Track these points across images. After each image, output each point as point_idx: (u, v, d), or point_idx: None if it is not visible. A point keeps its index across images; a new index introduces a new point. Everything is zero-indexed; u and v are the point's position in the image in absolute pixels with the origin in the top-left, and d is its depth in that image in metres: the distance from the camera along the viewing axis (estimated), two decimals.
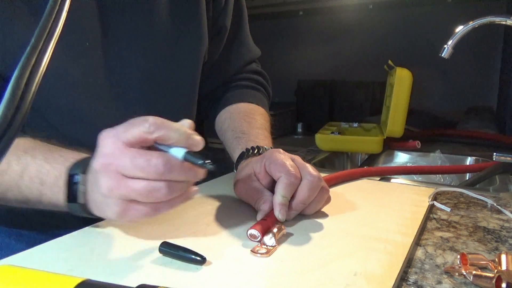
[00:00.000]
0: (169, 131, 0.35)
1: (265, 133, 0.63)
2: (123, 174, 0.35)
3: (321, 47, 1.94)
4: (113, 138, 0.36)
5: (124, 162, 0.34)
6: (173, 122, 0.37)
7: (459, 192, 0.62)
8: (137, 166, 0.34)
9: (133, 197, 0.36)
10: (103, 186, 0.36)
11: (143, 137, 0.35)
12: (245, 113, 0.67)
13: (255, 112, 0.69)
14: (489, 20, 0.74)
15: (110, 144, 0.36)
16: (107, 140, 0.36)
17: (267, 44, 2.00)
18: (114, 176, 0.35)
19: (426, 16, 1.67)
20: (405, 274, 0.36)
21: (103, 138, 0.37)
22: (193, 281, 0.33)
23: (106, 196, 0.36)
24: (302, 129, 1.81)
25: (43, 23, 0.21)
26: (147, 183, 0.35)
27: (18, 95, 0.19)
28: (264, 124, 0.67)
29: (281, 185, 0.44)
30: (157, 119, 0.36)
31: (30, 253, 0.39)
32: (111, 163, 0.35)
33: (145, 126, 0.35)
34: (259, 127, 0.64)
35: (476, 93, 1.62)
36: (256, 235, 0.41)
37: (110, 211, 0.37)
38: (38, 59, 0.20)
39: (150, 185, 0.35)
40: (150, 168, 0.34)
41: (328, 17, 1.89)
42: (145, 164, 0.34)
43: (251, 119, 0.66)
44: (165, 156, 0.35)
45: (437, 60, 0.92)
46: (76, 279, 0.27)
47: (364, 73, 1.78)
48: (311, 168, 0.47)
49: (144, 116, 0.36)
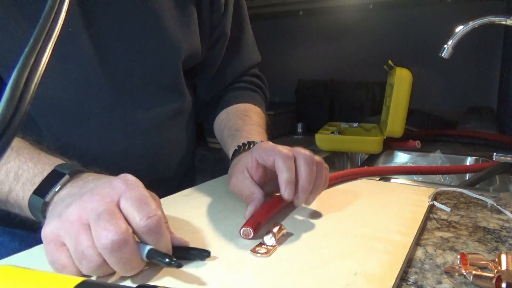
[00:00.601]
0: (158, 241, 0.33)
1: (258, 129, 0.63)
2: (87, 219, 0.32)
3: (321, 47, 1.94)
4: (121, 188, 0.34)
5: (98, 210, 0.32)
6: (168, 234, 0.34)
7: (459, 192, 0.62)
8: (98, 225, 0.31)
9: (67, 242, 0.32)
10: (69, 211, 0.33)
11: (131, 221, 0.33)
12: (240, 112, 0.68)
13: (250, 110, 0.69)
14: (489, 20, 0.74)
15: (113, 189, 0.34)
16: (117, 184, 0.34)
17: (267, 44, 2.00)
18: (82, 214, 0.32)
19: (426, 16, 1.67)
20: (405, 274, 0.36)
21: (119, 179, 0.35)
22: (193, 281, 0.33)
23: (60, 219, 0.33)
24: (302, 129, 1.81)
25: (42, 23, 0.21)
26: (89, 247, 0.31)
27: (17, 95, 0.19)
28: (259, 121, 0.67)
29: (280, 164, 0.44)
30: (158, 224, 0.33)
31: (30, 253, 0.39)
32: (93, 201, 0.33)
33: (142, 220, 0.32)
34: (253, 123, 0.64)
35: (476, 93, 1.62)
36: (249, 233, 0.41)
37: (45, 229, 0.34)
38: (37, 59, 0.20)
39: (89, 252, 0.31)
40: (101, 237, 0.31)
41: (328, 17, 1.89)
42: (103, 233, 0.31)
43: (245, 116, 0.66)
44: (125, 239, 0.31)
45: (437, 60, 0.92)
46: (76, 279, 0.27)
47: (364, 73, 1.78)
48: (301, 148, 0.47)
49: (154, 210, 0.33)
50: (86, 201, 0.33)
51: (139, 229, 0.32)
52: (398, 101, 0.92)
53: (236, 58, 0.73)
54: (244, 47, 0.74)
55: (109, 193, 0.34)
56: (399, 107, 0.92)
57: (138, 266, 0.33)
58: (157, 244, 0.33)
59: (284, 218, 0.49)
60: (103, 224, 0.31)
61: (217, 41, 0.68)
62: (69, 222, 0.32)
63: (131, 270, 0.33)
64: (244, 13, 0.73)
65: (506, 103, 1.31)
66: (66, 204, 0.34)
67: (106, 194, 0.33)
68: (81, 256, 0.31)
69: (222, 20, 0.67)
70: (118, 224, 0.31)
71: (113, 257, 0.31)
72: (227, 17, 0.68)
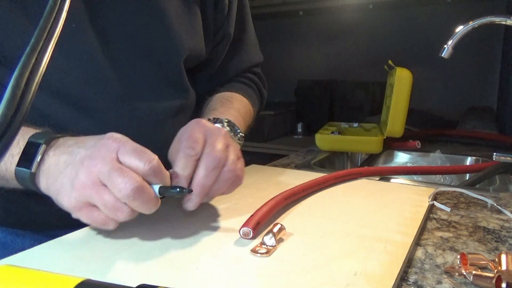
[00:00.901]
0: (163, 179, 0.39)
1: (234, 113, 0.61)
2: (100, 180, 0.36)
3: (321, 47, 1.94)
4: (114, 146, 0.38)
5: (105, 170, 0.36)
6: (166, 174, 0.40)
7: (459, 192, 0.62)
8: (113, 181, 0.36)
9: (96, 203, 0.37)
10: (79, 178, 0.37)
11: (136, 170, 0.37)
12: (223, 97, 0.67)
13: (234, 98, 0.67)
14: (489, 20, 0.74)
15: (108, 149, 0.37)
16: (109, 143, 0.38)
17: (267, 44, 2.00)
18: (93, 177, 0.36)
19: (426, 16, 1.67)
20: (405, 274, 0.36)
21: (108, 139, 0.38)
22: (193, 281, 0.33)
23: (74, 188, 0.37)
24: (302, 129, 1.81)
25: (42, 23, 0.21)
26: (116, 200, 0.36)
27: (18, 95, 0.19)
28: (239, 108, 0.65)
29: (179, 157, 0.42)
30: (159, 165, 0.38)
31: (30, 253, 0.39)
32: (96, 164, 0.36)
33: (146, 165, 0.37)
34: (231, 107, 0.63)
35: (476, 93, 1.62)
36: (248, 232, 0.41)
37: (68, 202, 0.38)
38: (38, 58, 0.20)
39: (118, 204, 0.37)
40: (121, 189, 0.36)
41: (328, 17, 1.89)
42: (121, 186, 0.36)
43: (226, 101, 0.65)
44: (141, 184, 0.37)
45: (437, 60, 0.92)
46: (76, 279, 0.27)
47: (364, 73, 1.78)
48: (220, 145, 0.44)
49: (151, 155, 0.38)
50: (91, 166, 0.37)
51: (145, 173, 0.37)
52: (398, 101, 0.92)
53: (237, 57, 0.73)
54: (245, 47, 0.74)
55: (106, 154, 0.37)
56: (399, 107, 0.92)
57: (156, 204, 0.39)
58: (162, 182, 0.39)
59: (284, 218, 0.49)
60: (116, 179, 0.36)
61: (220, 41, 0.69)
62: (87, 188, 0.37)
63: (154, 207, 0.39)
64: (247, 13, 0.73)
65: (506, 103, 1.32)
66: (69, 174, 0.38)
67: (105, 155, 0.37)
68: (114, 211, 0.37)
69: (226, 21, 0.67)
70: (129, 175, 0.36)
71: (136, 202, 0.37)
72: (231, 17, 0.68)
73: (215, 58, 0.70)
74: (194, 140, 0.43)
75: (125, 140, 0.38)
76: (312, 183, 0.58)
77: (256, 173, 0.71)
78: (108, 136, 0.39)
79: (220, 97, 0.67)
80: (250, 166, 0.76)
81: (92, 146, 0.38)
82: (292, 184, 0.56)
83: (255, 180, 0.65)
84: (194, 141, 0.43)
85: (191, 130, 0.45)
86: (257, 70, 0.79)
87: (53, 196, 0.40)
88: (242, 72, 0.75)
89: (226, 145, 0.45)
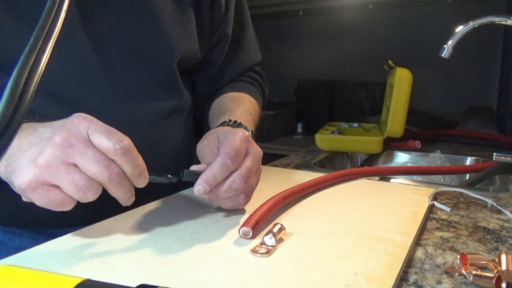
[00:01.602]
0: (129, 164, 0.37)
1: (248, 116, 0.62)
2: (71, 161, 0.35)
3: (321, 47, 1.94)
4: (84, 124, 0.36)
5: (79, 150, 0.35)
6: (139, 157, 0.38)
7: (459, 192, 0.62)
8: (92, 151, 0.35)
9: (61, 183, 0.35)
10: (44, 156, 0.35)
11: (105, 150, 0.36)
12: (234, 97, 0.68)
13: (244, 98, 0.69)
14: (489, 20, 0.74)
15: (78, 127, 0.36)
16: (78, 122, 0.37)
17: (267, 44, 2.00)
18: (62, 156, 0.35)
19: (426, 16, 1.67)
20: (405, 274, 0.36)
21: (78, 118, 0.37)
22: (193, 281, 0.33)
23: (36, 165, 0.35)
24: (302, 129, 1.81)
25: (41, 23, 0.21)
26: (87, 179, 0.36)
27: (16, 95, 0.19)
28: (250, 109, 0.66)
29: (217, 161, 0.44)
30: (130, 146, 0.37)
31: (30, 253, 0.39)
32: (66, 142, 0.35)
33: (116, 145, 0.36)
34: (245, 109, 0.64)
35: (476, 93, 1.62)
36: (247, 232, 0.41)
37: (22, 179, 0.35)
38: (37, 58, 0.20)
39: (88, 183, 0.36)
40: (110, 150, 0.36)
41: (328, 17, 1.89)
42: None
43: (238, 102, 0.66)
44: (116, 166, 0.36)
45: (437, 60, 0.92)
46: (76, 279, 0.27)
47: (364, 73, 1.78)
48: (252, 169, 0.46)
49: (123, 135, 0.37)
50: (59, 144, 0.35)
51: (116, 153, 0.36)
52: (398, 101, 0.92)
53: (236, 58, 0.73)
54: (245, 47, 0.74)
55: (76, 131, 0.36)
56: (399, 107, 0.92)
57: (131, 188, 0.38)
58: (135, 162, 0.37)
59: (284, 218, 0.49)
60: (99, 140, 0.36)
61: (219, 42, 0.69)
62: (53, 167, 0.35)
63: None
64: (245, 13, 0.73)
65: (506, 103, 1.32)
66: (33, 153, 0.36)
67: (74, 132, 0.36)
68: (85, 189, 0.35)
69: (223, 22, 0.67)
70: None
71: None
72: (229, 18, 0.68)
73: (214, 59, 0.70)
74: (238, 153, 0.45)
75: (94, 119, 0.38)
76: (311, 182, 0.58)
77: None
78: (77, 115, 0.38)
79: (230, 97, 0.67)
80: None
81: (60, 125, 0.37)
82: (292, 184, 0.56)
83: None
84: (238, 155, 0.45)
85: (238, 141, 0.46)
86: (258, 69, 0.79)
87: (7, 177, 0.38)
88: (243, 72, 0.75)
89: (256, 170, 0.48)
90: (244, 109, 0.64)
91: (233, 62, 0.73)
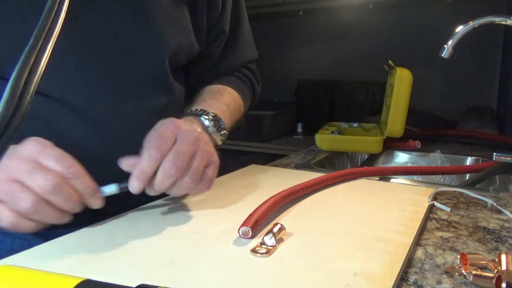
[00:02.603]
0: (80, 185, 0.39)
1: (221, 106, 0.61)
2: (18, 177, 0.37)
3: (321, 47, 1.94)
4: (36, 148, 0.38)
5: (25, 167, 0.37)
6: (90, 180, 0.40)
7: (459, 192, 0.62)
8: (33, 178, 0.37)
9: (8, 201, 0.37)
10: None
11: (59, 173, 0.38)
12: (214, 89, 0.66)
13: (225, 90, 0.67)
14: (489, 20, 0.74)
15: (30, 151, 0.38)
16: (31, 146, 0.38)
17: (267, 44, 2.00)
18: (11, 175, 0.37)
19: (426, 16, 1.67)
20: (405, 274, 0.36)
21: (30, 142, 0.38)
22: (193, 281, 0.33)
23: None
24: (302, 129, 1.81)
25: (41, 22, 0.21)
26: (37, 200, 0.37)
27: (17, 94, 0.19)
28: (228, 100, 0.64)
29: (143, 155, 0.43)
30: (81, 171, 0.39)
31: (30, 253, 0.39)
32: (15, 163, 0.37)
33: (65, 170, 0.38)
34: (220, 100, 0.62)
35: (476, 93, 1.62)
36: (247, 231, 0.41)
37: None
38: (37, 58, 0.20)
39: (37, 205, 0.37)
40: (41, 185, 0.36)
41: (328, 17, 1.89)
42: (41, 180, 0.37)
43: (217, 93, 0.64)
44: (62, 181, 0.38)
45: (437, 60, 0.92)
46: (76, 279, 0.27)
47: (364, 73, 1.78)
48: (186, 151, 0.44)
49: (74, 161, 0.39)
50: (9, 165, 0.37)
51: (67, 177, 0.38)
52: (398, 101, 0.92)
53: (231, 54, 0.72)
54: (240, 43, 0.73)
55: (28, 155, 0.37)
56: (399, 107, 0.92)
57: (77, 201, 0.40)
58: (85, 184, 0.40)
59: (284, 218, 0.49)
60: (38, 176, 0.36)
61: (216, 39, 0.68)
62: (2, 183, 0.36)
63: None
64: (242, 9, 0.72)
65: (506, 103, 1.32)
66: None
67: (26, 156, 0.37)
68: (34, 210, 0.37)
69: (220, 19, 0.67)
70: (51, 172, 0.37)
71: (57, 197, 0.37)
72: (226, 15, 0.68)
73: (211, 54, 0.69)
74: (162, 140, 0.44)
75: (48, 144, 0.39)
76: (311, 182, 0.58)
77: (256, 173, 0.71)
78: (30, 139, 0.39)
79: (211, 89, 0.66)
80: (250, 166, 0.76)
81: (12, 150, 0.38)
82: (292, 184, 0.56)
83: (255, 180, 0.65)
84: (162, 142, 0.44)
85: (163, 129, 0.45)
86: (251, 66, 0.78)
87: None
88: (236, 68, 0.75)
89: (193, 152, 0.45)
90: (221, 100, 0.62)
91: (227, 57, 0.72)
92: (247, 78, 0.76)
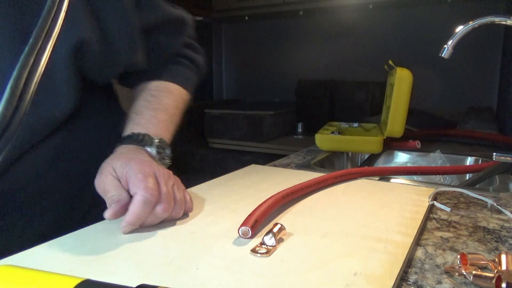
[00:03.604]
0: None
1: (160, 116, 0.59)
2: None
3: (321, 47, 1.94)
4: None
5: None
6: None
7: (459, 192, 0.62)
8: None
9: None
10: None
11: None
12: (150, 95, 0.62)
13: (162, 93, 0.63)
14: (489, 20, 0.74)
15: None
16: None
17: (267, 44, 2.00)
18: None
19: (426, 16, 1.67)
20: (405, 274, 0.36)
21: None
22: (193, 281, 0.33)
23: None
24: (302, 129, 1.81)
25: (41, 22, 0.21)
26: None
27: (16, 95, 0.19)
28: (167, 105, 0.62)
29: (136, 201, 0.43)
30: None
31: (30, 253, 0.39)
32: None
33: None
34: (157, 108, 0.60)
35: (476, 93, 1.62)
36: (247, 231, 0.41)
37: None
38: (37, 59, 0.20)
39: None
40: None
41: (328, 17, 1.89)
42: None
43: (153, 100, 0.61)
44: None
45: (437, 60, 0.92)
46: (76, 279, 0.27)
47: (364, 73, 1.78)
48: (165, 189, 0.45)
49: None
50: None
51: None
52: (398, 101, 0.92)
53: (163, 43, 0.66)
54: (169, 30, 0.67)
55: None
56: (399, 107, 0.92)
57: None
58: None
59: (284, 218, 0.49)
60: None
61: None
62: None
63: None
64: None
65: (506, 103, 1.32)
66: None
67: None
68: None
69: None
70: None
71: None
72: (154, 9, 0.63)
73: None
74: (151, 187, 0.44)
75: None
76: (311, 182, 0.58)
77: (256, 173, 0.71)
78: None
79: (146, 96, 0.62)
80: (250, 166, 0.76)
81: None
82: (292, 184, 0.56)
83: (255, 180, 0.66)
84: (153, 189, 0.44)
85: (142, 174, 0.45)
86: (189, 41, 0.71)
87: None
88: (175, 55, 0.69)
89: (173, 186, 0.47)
90: (158, 108, 0.60)
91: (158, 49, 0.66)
92: (190, 61, 0.71)
